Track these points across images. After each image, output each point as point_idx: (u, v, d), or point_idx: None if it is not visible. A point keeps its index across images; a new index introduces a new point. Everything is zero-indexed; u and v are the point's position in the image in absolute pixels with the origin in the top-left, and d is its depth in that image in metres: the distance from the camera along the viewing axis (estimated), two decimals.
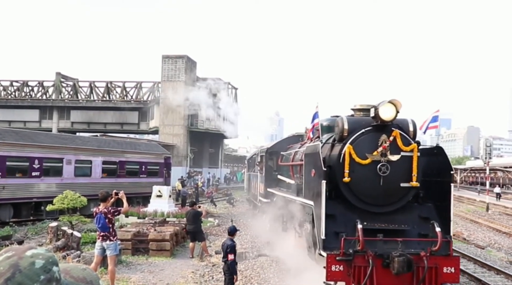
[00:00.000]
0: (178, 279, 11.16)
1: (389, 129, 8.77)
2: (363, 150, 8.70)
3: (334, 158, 8.99)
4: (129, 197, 11.79)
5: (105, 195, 9.53)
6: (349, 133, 8.97)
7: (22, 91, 53.12)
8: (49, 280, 1.44)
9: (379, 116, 8.49)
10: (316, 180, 8.78)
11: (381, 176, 8.55)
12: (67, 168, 22.27)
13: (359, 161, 8.58)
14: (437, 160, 9.43)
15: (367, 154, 8.62)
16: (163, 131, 45.96)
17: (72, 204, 16.11)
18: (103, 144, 25.95)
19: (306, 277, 9.75)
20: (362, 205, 8.77)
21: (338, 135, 9.21)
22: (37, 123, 50.69)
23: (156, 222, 16.68)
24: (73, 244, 12.73)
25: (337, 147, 9.15)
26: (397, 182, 8.70)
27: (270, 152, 17.55)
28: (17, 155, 20.06)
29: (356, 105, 10.00)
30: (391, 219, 8.83)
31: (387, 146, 8.63)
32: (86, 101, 52.16)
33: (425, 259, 7.95)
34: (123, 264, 12.41)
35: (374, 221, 8.68)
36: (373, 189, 8.69)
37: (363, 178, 8.66)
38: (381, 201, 8.84)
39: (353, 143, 8.75)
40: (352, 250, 7.87)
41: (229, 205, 31.84)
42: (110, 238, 9.33)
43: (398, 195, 8.87)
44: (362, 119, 9.33)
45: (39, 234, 17.10)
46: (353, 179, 8.61)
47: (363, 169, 8.62)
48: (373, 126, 8.86)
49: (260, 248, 15.28)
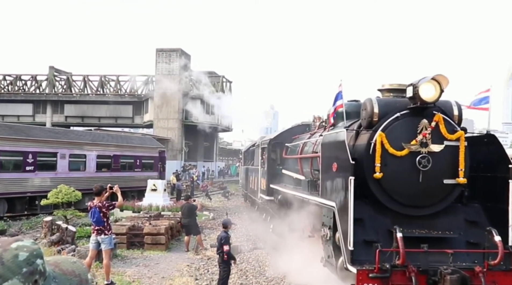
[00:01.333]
0: (173, 273, 11.17)
1: (430, 113, 7.34)
2: (398, 138, 7.29)
3: (361, 148, 7.56)
4: (123, 191, 11.79)
5: (99, 189, 9.52)
6: (379, 118, 7.52)
7: (15, 85, 52.72)
8: (31, 273, 1.43)
9: (419, 97, 7.03)
10: (338, 176, 7.35)
11: (421, 170, 7.17)
12: (61, 162, 22.19)
13: (393, 152, 7.21)
14: (487, 151, 7.80)
15: (403, 143, 7.24)
16: (158, 125, 45.81)
17: (66, 198, 16.07)
18: (97, 138, 25.87)
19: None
20: (395, 207, 7.38)
21: (366, 120, 7.68)
22: (31, 118, 50.37)
23: (151, 216, 16.66)
24: (68, 238, 12.71)
25: (365, 135, 7.74)
26: (439, 178, 7.32)
27: (274, 144, 15.64)
28: (10, 149, 19.96)
29: (384, 85, 8.50)
30: (432, 224, 7.42)
31: (428, 133, 7.23)
32: (80, 95, 51.88)
33: (482, 276, 6.47)
34: (118, 258, 12.41)
35: (411, 226, 7.22)
36: (410, 187, 7.29)
37: (398, 173, 7.28)
38: (420, 202, 7.43)
39: (386, 130, 7.34)
40: (389, 265, 6.45)
41: (224, 198, 31.87)
42: (105, 232, 9.33)
43: (440, 194, 7.46)
44: (396, 101, 7.87)
45: (34, 228, 17.06)
46: (386, 175, 7.20)
47: (398, 162, 7.25)
48: (410, 109, 7.41)
49: (255, 241, 15.32)
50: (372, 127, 7.55)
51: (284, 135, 15.49)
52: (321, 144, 8.70)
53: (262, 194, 16.45)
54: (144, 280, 10.39)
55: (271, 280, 10.48)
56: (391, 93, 8.36)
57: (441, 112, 7.41)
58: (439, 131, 7.29)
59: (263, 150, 16.63)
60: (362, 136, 7.79)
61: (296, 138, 14.05)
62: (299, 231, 11.04)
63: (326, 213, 8.07)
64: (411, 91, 7.21)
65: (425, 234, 7.18)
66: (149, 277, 10.72)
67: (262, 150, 16.69)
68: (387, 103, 7.76)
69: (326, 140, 8.46)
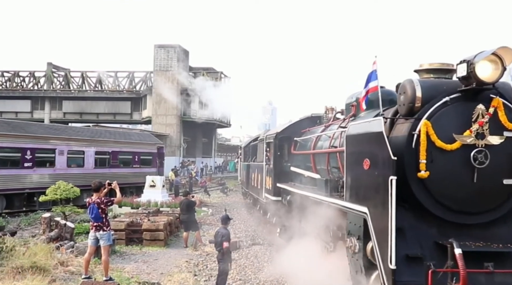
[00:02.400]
0: (172, 269, 11.18)
1: (487, 97, 5.99)
2: (447, 128, 5.96)
3: (400, 141, 6.21)
4: (122, 187, 11.76)
5: (98, 185, 9.49)
6: (423, 104, 6.17)
7: (13, 81, 52.61)
8: None
9: (475, 76, 5.71)
10: (372, 175, 6.12)
11: (476, 167, 5.84)
12: (60, 158, 22.19)
13: (442, 146, 5.89)
14: None
15: (454, 134, 5.91)
16: (156, 121, 45.79)
17: (65, 195, 16.08)
18: (95, 134, 25.85)
19: None
20: (443, 213, 6.06)
21: (406, 106, 6.30)
22: (29, 114, 50.31)
23: (150, 212, 16.67)
24: (67, 234, 12.70)
25: (403, 125, 6.40)
26: (498, 177, 5.95)
27: (281, 138, 14.05)
28: (9, 146, 19.95)
29: (422, 64, 6.93)
30: (488, 234, 6.07)
31: (485, 122, 5.86)
32: (78, 91, 51.81)
33: None
34: (117, 254, 12.42)
35: (461, 237, 5.81)
36: (462, 188, 5.94)
37: (448, 171, 5.94)
38: (473, 207, 6.06)
39: (432, 118, 6.00)
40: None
41: (223, 194, 31.91)
42: (103, 228, 9.31)
43: (499, 197, 6.09)
44: (443, 83, 6.51)
45: (32, 225, 17.06)
46: (432, 173, 5.89)
47: (448, 158, 5.92)
48: (462, 92, 6.05)
49: (253, 237, 15.33)
50: (414, 115, 6.21)
51: (292, 129, 13.97)
52: (347, 136, 7.31)
53: (268, 193, 14.95)
54: (143, 276, 10.39)
55: (270, 276, 10.49)
56: (431, 75, 6.81)
57: (500, 96, 6.05)
58: (498, 120, 5.94)
59: (268, 145, 15.07)
60: (399, 127, 6.49)
61: (306, 132, 12.92)
62: (315, 237, 9.75)
63: (354, 220, 6.90)
64: (464, 70, 5.83)
65: (485, 248, 5.80)
66: (148, 273, 10.73)
67: (267, 145, 15.15)
68: (433, 86, 6.39)
69: (354, 132, 7.11)
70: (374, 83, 7.18)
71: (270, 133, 15.59)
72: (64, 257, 10.69)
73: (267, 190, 14.91)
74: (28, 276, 8.68)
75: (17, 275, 8.77)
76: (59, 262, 10.15)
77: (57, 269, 9.77)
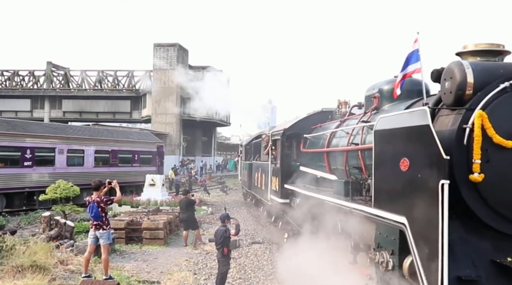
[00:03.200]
0: (172, 267, 11.19)
1: None
2: (507, 120, 4.99)
3: (446, 137, 5.16)
4: (122, 186, 11.77)
5: (97, 184, 9.51)
6: (475, 92, 5.19)
7: (13, 80, 52.60)
8: None
9: None
10: (413, 178, 5.13)
11: None
12: (60, 157, 22.19)
13: (500, 142, 4.89)
14: None
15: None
16: (156, 120, 45.79)
17: (65, 194, 16.07)
18: (95, 133, 25.87)
19: None
20: (500, 224, 5.05)
21: (454, 94, 5.26)
22: (29, 113, 50.32)
23: (150, 211, 16.68)
24: (67, 233, 12.71)
25: (449, 117, 5.41)
26: None
27: (288, 135, 13.07)
28: (8, 145, 19.96)
29: (466, 46, 5.92)
30: None
31: None
32: (78, 90, 51.80)
33: None
34: (116, 253, 12.44)
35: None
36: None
37: (508, 173, 4.95)
38: None
39: (487, 108, 5.02)
40: None
41: (223, 193, 31.93)
42: (103, 227, 9.33)
43: None
44: (498, 66, 5.48)
45: (32, 223, 17.06)
46: (488, 176, 4.90)
47: (508, 157, 4.94)
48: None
49: (253, 235, 15.34)
50: (463, 105, 5.21)
51: (301, 125, 12.96)
52: (375, 131, 6.29)
53: (274, 195, 13.89)
54: (143, 275, 10.40)
55: (270, 274, 10.50)
56: (477, 58, 5.79)
57: None
58: None
59: (274, 142, 14.06)
60: (443, 120, 5.48)
61: (317, 128, 11.99)
62: (328, 247, 8.80)
63: (385, 231, 5.95)
64: None
65: None
66: (147, 272, 10.74)
67: (274, 142, 14.16)
68: (487, 69, 5.34)
69: (385, 127, 6.04)
70: (415, 66, 6.09)
71: (277, 130, 14.40)
72: (64, 256, 10.71)
73: (273, 191, 13.90)
74: (28, 275, 8.69)
75: (17, 274, 8.79)
76: (59, 261, 10.16)
77: (57, 268, 9.79)
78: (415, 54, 6.06)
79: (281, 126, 14.49)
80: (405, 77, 6.37)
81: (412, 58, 6.12)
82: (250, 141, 23.09)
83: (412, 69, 6.17)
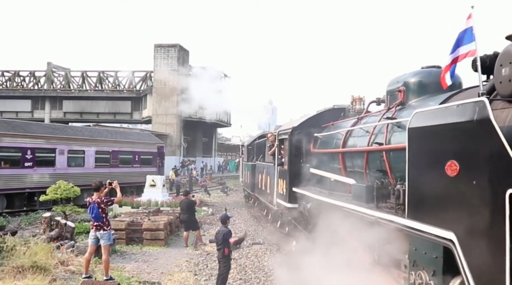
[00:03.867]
0: (172, 268, 11.19)
1: None
2: None
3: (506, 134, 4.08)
4: (122, 186, 11.77)
5: (98, 184, 9.51)
6: None
7: (13, 81, 52.64)
8: None
9: None
10: (465, 185, 4.37)
11: None
12: (60, 158, 22.22)
13: None
14: None
15: None
16: (156, 121, 45.80)
17: (65, 194, 16.08)
18: (96, 134, 25.89)
19: None
20: None
21: None
22: (29, 114, 50.36)
23: (150, 212, 16.69)
24: (67, 234, 12.72)
25: (508, 111, 4.49)
26: None
27: (298, 134, 12.10)
28: (9, 145, 19.98)
29: None
30: None
31: None
32: (78, 91, 51.84)
33: None
34: (117, 253, 12.45)
35: None
36: None
37: None
38: None
39: None
40: None
41: (223, 194, 31.93)
42: (103, 227, 9.33)
43: None
44: None
45: (33, 224, 17.07)
46: None
47: None
48: None
49: (254, 236, 15.34)
50: None
51: (311, 123, 12.06)
52: (410, 129, 5.54)
53: (281, 199, 12.97)
54: (143, 276, 10.41)
55: (270, 275, 10.50)
56: None
57: None
58: None
59: (281, 142, 13.05)
60: (499, 113, 4.45)
61: (329, 127, 11.25)
62: (345, 259, 7.67)
63: (425, 248, 5.17)
64: None
65: None
66: (148, 273, 10.74)
67: (281, 142, 13.15)
68: None
69: (424, 123, 5.25)
70: (469, 47, 5.06)
71: (285, 128, 13.33)
72: (65, 256, 10.71)
73: (280, 194, 12.91)
74: (29, 275, 8.70)
75: (18, 274, 8.80)
76: (59, 261, 10.17)
77: (57, 269, 9.79)
78: (469, 33, 5.04)
79: (289, 124, 13.48)
80: (455, 61, 5.31)
81: (464, 38, 5.09)
82: (253, 141, 22.50)
83: (464, 52, 5.14)
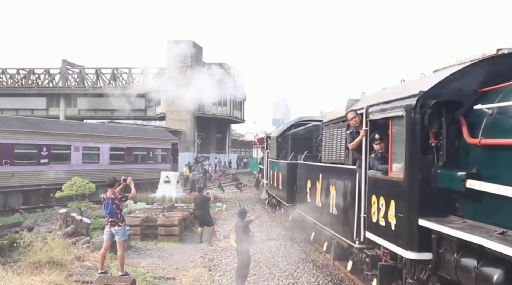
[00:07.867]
0: (187, 264, 11.20)
1: None
2: None
3: None
4: (137, 183, 11.82)
5: (112, 180, 9.53)
6: None
7: (28, 79, 53.21)
8: None
9: None
10: None
11: None
12: (75, 154, 22.39)
13: None
14: None
15: None
16: (170, 117, 45.95)
17: (80, 191, 16.21)
18: (110, 131, 26.08)
19: None
20: None
21: None
22: (45, 111, 50.83)
23: (165, 208, 16.74)
24: (83, 230, 12.81)
25: None
26: None
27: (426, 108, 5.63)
28: (25, 142, 20.18)
29: None
30: None
31: None
32: (93, 88, 52.19)
33: None
34: (132, 249, 12.49)
35: None
36: None
37: None
38: None
39: None
40: None
41: (237, 190, 31.95)
42: (118, 223, 9.35)
43: None
44: None
45: (49, 220, 17.22)
46: None
47: None
48: None
49: (268, 232, 15.31)
50: None
51: (450, 87, 5.94)
52: None
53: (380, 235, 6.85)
54: (158, 271, 10.43)
55: (285, 271, 10.47)
56: None
57: None
58: None
59: (376, 125, 7.30)
60: None
61: (499, 90, 5.79)
62: None
63: None
64: None
65: None
66: (163, 268, 10.77)
67: (374, 126, 7.35)
68: None
69: None
70: None
71: (388, 99, 6.97)
72: (80, 252, 10.79)
73: (374, 226, 6.98)
74: (45, 271, 8.76)
75: (35, 270, 8.87)
76: (75, 257, 10.25)
77: (73, 264, 9.86)
78: None
79: (400, 92, 6.73)
80: None
81: None
82: (283, 132, 17.72)
83: None
